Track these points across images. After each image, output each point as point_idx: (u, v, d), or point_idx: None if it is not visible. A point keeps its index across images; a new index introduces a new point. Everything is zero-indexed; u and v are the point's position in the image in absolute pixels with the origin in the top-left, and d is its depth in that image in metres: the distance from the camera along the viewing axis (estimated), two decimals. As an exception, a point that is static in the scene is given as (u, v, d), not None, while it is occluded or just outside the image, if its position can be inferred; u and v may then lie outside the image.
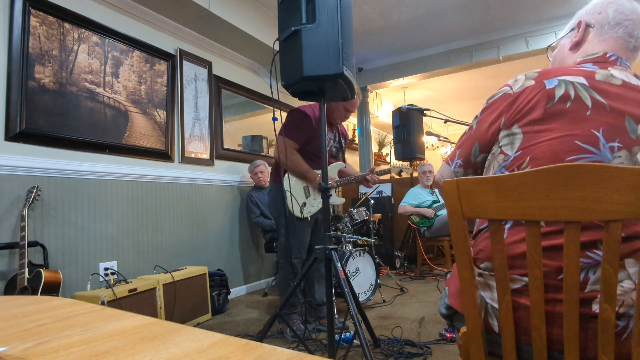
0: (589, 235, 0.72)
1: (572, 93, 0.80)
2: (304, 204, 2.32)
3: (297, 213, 2.28)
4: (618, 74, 0.83)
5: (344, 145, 2.52)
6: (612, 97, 0.79)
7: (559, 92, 0.80)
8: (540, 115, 0.81)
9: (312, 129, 2.29)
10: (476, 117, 0.94)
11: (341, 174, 2.52)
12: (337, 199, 2.47)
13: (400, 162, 2.61)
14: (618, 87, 0.81)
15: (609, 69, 0.84)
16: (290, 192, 2.26)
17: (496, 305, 0.78)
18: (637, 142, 0.77)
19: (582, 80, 0.81)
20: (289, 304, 2.28)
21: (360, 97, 2.35)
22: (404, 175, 2.61)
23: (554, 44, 1.05)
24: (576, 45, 0.95)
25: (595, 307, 0.70)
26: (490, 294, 0.80)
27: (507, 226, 0.82)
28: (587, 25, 0.93)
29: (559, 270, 0.73)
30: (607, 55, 0.87)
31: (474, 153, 0.93)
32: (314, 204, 2.37)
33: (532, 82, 0.84)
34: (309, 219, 2.32)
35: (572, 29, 0.97)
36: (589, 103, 0.79)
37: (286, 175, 2.29)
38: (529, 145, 0.81)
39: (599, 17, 0.91)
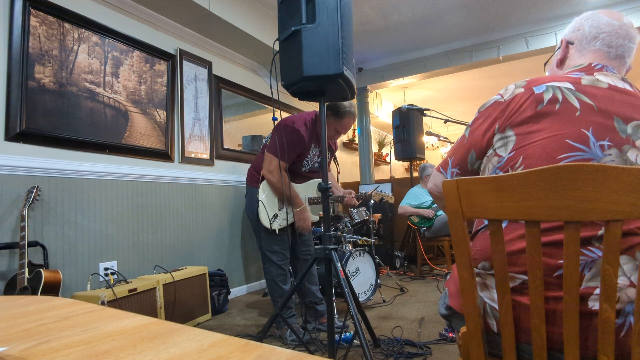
0: (583, 231, 0.72)
1: (560, 96, 0.84)
2: (275, 216, 2.28)
3: (265, 224, 2.27)
4: (603, 78, 0.87)
5: (328, 159, 2.49)
6: (599, 99, 0.82)
7: (547, 96, 0.85)
8: (531, 117, 0.85)
9: (303, 148, 2.24)
10: (467, 127, 0.97)
11: None
12: (313, 216, 2.41)
13: (385, 192, 2.59)
14: (604, 90, 0.84)
15: (594, 74, 0.89)
16: (262, 201, 2.25)
17: (495, 305, 0.78)
18: (627, 141, 0.79)
19: (569, 85, 0.85)
20: (285, 306, 2.27)
21: (355, 120, 2.31)
22: (387, 200, 2.58)
23: (547, 62, 1.14)
24: (561, 62, 1.03)
25: (592, 304, 0.70)
26: (488, 294, 0.81)
27: (503, 225, 0.83)
28: (568, 43, 1.00)
29: (555, 268, 0.74)
30: (592, 65, 0.92)
31: (471, 160, 0.95)
32: (287, 218, 2.32)
33: (522, 90, 0.89)
34: (277, 231, 2.27)
35: (558, 48, 1.05)
36: (577, 105, 0.82)
37: (262, 183, 2.29)
38: (521, 145, 0.84)
39: (577, 33, 0.98)
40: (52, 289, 1.93)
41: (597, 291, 0.70)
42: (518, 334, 0.74)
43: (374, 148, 7.06)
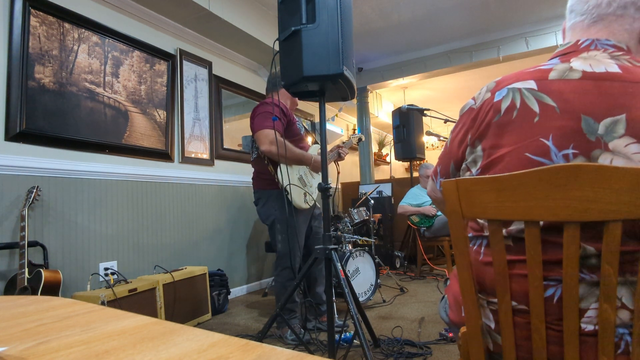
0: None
1: (518, 101, 0.75)
2: (305, 194, 2.35)
3: (302, 205, 2.30)
4: (580, 64, 0.74)
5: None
6: (565, 96, 0.72)
7: (505, 104, 0.77)
8: (492, 130, 0.78)
9: (288, 114, 2.37)
10: (452, 131, 0.93)
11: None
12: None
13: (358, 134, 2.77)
14: (574, 83, 0.72)
15: (571, 60, 0.76)
16: (290, 184, 2.26)
17: (489, 323, 0.78)
18: (597, 144, 0.68)
19: (532, 84, 0.76)
20: (288, 309, 2.27)
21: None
22: (360, 138, 2.71)
23: None
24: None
25: (584, 326, 0.67)
26: (482, 312, 0.80)
27: (483, 247, 0.80)
28: (564, 30, 0.92)
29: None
30: (579, 42, 0.79)
31: (452, 172, 0.92)
32: (314, 190, 2.43)
33: (489, 95, 0.81)
34: (309, 204, 2.38)
35: None
36: (536, 108, 0.73)
37: (280, 172, 2.28)
38: (486, 163, 0.79)
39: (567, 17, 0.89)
40: (52, 289, 1.93)
41: (589, 313, 0.67)
42: (516, 352, 0.73)
43: (374, 148, 7.06)
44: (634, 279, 0.65)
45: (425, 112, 3.20)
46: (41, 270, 1.94)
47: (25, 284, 1.89)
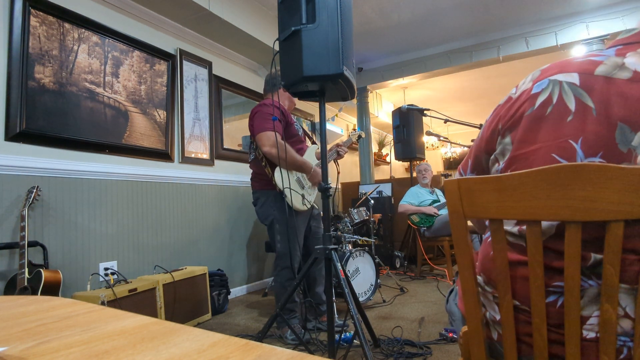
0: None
1: (555, 96, 0.70)
2: (303, 196, 2.35)
3: (300, 207, 2.30)
4: (634, 62, 0.65)
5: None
6: (605, 98, 0.65)
7: (541, 98, 0.72)
8: (523, 123, 0.73)
9: (286, 115, 2.36)
10: (485, 122, 0.88)
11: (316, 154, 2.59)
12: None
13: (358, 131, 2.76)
14: (621, 83, 0.65)
15: (627, 55, 0.67)
16: (290, 188, 2.25)
17: (494, 315, 0.78)
18: (628, 156, 0.63)
19: (574, 77, 0.69)
20: (288, 309, 2.27)
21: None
22: (360, 135, 2.70)
23: None
24: None
25: (586, 333, 0.66)
26: (487, 303, 0.80)
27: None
28: None
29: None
30: None
31: (485, 164, 0.86)
32: (312, 192, 2.44)
33: (530, 85, 0.75)
34: (307, 207, 2.38)
35: None
36: (571, 107, 0.68)
37: (278, 174, 2.28)
38: (513, 156, 0.75)
39: None
40: (52, 289, 1.93)
41: (592, 321, 0.66)
42: (519, 346, 0.73)
43: (374, 148, 7.06)
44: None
45: (425, 112, 3.20)
46: (41, 270, 1.94)
47: (25, 284, 1.89)
